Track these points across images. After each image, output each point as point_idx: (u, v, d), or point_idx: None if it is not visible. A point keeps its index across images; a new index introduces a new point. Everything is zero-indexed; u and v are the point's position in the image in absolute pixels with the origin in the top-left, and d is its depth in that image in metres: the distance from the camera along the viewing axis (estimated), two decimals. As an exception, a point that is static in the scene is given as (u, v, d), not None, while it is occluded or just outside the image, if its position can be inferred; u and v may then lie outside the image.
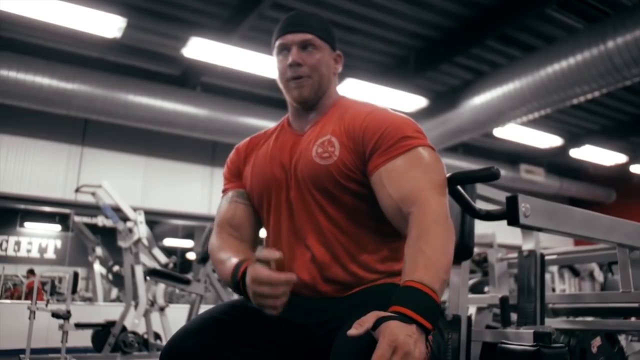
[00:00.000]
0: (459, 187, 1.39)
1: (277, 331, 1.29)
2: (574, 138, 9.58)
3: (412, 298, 1.01)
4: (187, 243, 13.21)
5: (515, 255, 2.20)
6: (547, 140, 8.69)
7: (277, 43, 1.42)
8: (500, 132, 8.00)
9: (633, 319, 2.05)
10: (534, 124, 8.05)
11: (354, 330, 0.96)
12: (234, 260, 1.29)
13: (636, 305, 1.79)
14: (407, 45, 6.93)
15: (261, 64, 6.09)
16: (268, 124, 6.48)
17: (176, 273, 4.31)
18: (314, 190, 1.33)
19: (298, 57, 1.38)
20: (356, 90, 6.70)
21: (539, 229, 1.41)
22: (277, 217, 1.40)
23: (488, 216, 1.42)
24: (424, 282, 1.03)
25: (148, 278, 4.56)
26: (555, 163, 10.97)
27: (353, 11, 6.07)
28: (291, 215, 1.37)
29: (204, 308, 4.24)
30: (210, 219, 9.12)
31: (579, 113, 8.88)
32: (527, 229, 1.38)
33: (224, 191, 1.54)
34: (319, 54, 1.40)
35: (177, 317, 5.38)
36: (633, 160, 10.13)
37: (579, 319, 2.12)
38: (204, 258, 4.28)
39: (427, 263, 1.06)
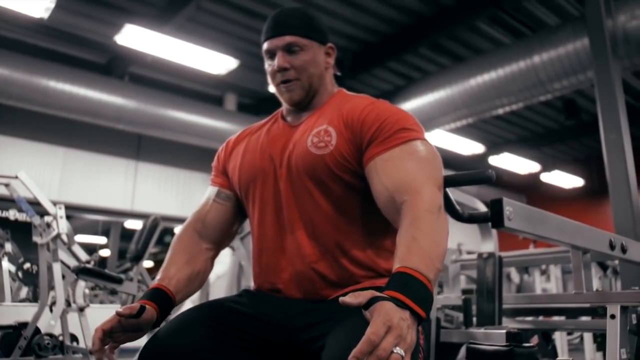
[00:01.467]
0: (447, 189, 1.42)
1: (262, 333, 1.26)
2: (494, 146, 10.07)
3: (407, 285, 0.98)
4: (101, 240, 12.68)
5: (469, 257, 2.28)
6: (470, 147, 9.06)
7: (264, 48, 1.40)
8: (427, 137, 8.24)
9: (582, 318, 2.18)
10: (459, 131, 8.38)
11: (348, 299, 0.94)
12: (156, 279, 1.34)
13: (587, 305, 1.90)
14: (343, 48, 7.01)
15: (196, 56, 5.95)
16: (199, 119, 6.38)
17: (107, 272, 4.10)
18: (307, 181, 1.30)
19: (283, 62, 1.36)
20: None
21: (521, 232, 1.46)
22: (262, 210, 1.37)
23: (471, 219, 1.45)
24: (419, 270, 1.00)
25: (75, 276, 4.30)
26: (475, 169, 11.38)
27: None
28: (279, 207, 1.34)
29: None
30: (132, 215, 8.79)
31: (500, 123, 9.35)
32: (510, 232, 1.42)
33: (212, 182, 1.53)
34: (305, 54, 1.37)
35: (99, 319, 5.12)
36: (544, 169, 10.79)
37: (528, 318, 2.22)
38: (137, 256, 4.10)
39: (421, 251, 1.04)
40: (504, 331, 1.55)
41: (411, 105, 6.99)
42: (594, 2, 5.00)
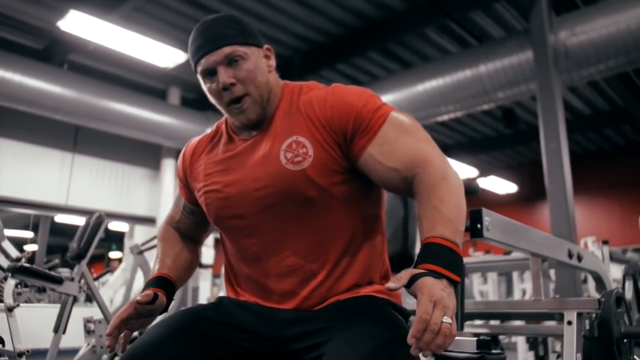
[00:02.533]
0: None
1: (246, 344, 1.22)
2: (434, 151, 10.33)
3: (439, 254, 1.04)
4: (28, 234, 12.09)
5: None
6: (411, 151, 9.25)
7: (200, 69, 1.26)
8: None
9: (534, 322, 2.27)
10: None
11: (392, 284, 0.99)
12: (155, 270, 1.37)
13: (545, 311, 1.98)
14: (293, 47, 7.00)
15: (142, 47, 5.78)
16: (140, 112, 6.20)
17: (46, 272, 3.89)
18: (288, 200, 1.22)
19: (227, 77, 1.22)
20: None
21: (498, 243, 1.50)
22: (240, 239, 1.30)
23: (449, 228, 1.48)
24: (445, 236, 1.06)
25: (10, 275, 4.05)
26: (414, 173, 11.73)
27: (245, 6, 5.99)
28: (258, 232, 1.26)
29: (78, 311, 3.93)
30: (67, 210, 8.43)
31: (440, 128, 9.61)
32: (488, 242, 1.46)
33: (179, 189, 1.50)
34: (247, 62, 1.24)
35: (30, 319, 4.87)
36: (480, 175, 11.17)
37: (477, 322, 2.30)
38: (80, 254, 3.91)
39: (444, 219, 1.09)
40: (475, 339, 1.59)
41: (358, 107, 7.03)
42: (538, 18, 5.23)
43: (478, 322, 2.43)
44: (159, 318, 1.32)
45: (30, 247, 10.87)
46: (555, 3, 5.55)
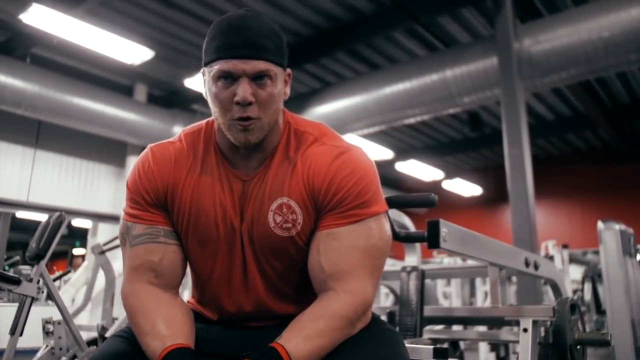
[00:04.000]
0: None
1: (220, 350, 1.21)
2: (401, 152, 10.42)
3: None
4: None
5: (391, 269, 2.34)
6: (379, 153, 9.31)
7: (220, 67, 1.09)
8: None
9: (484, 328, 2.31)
10: (370, 136, 8.60)
11: None
12: (157, 346, 1.06)
13: (503, 317, 2.01)
14: (261, 47, 6.95)
15: (107, 43, 5.67)
16: (105, 108, 6.09)
17: (2, 272, 3.79)
18: (271, 259, 1.18)
19: (249, 95, 1.07)
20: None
21: (455, 253, 1.52)
22: (208, 274, 1.23)
23: (407, 238, 1.50)
24: (293, 357, 1.00)
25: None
26: (383, 174, 11.70)
27: (211, 3, 5.93)
28: (232, 276, 1.21)
29: (38, 310, 3.84)
30: (28, 206, 8.21)
31: (408, 131, 9.70)
32: (445, 252, 1.48)
33: (135, 218, 1.19)
34: (273, 86, 1.10)
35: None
36: (446, 177, 11.32)
37: (437, 327, 2.32)
38: (39, 255, 3.81)
39: (314, 347, 1.03)
40: (432, 347, 1.61)
41: (326, 109, 7.07)
42: (503, 25, 5.32)
43: (439, 327, 2.46)
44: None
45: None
46: (520, 11, 5.65)
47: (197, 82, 6.51)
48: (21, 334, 3.54)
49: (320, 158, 1.15)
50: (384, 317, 2.15)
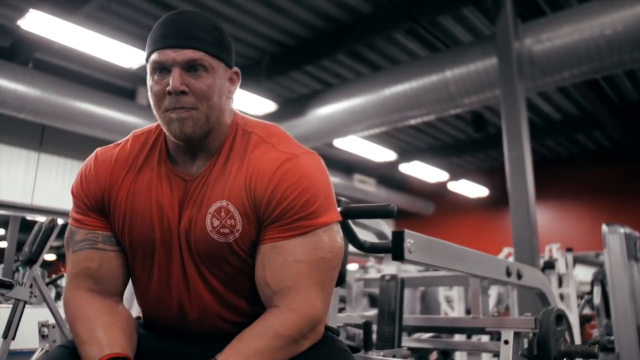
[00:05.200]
0: (349, 220, 1.39)
1: None
2: (405, 154, 10.34)
3: None
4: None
5: (372, 275, 2.28)
6: (381, 154, 9.24)
7: (152, 58, 1.08)
8: (340, 142, 8.34)
9: (472, 337, 2.24)
10: (373, 138, 8.53)
11: None
12: (95, 355, 1.03)
13: (484, 328, 1.95)
14: (261, 49, 6.92)
15: (105, 47, 5.65)
16: (108, 112, 6.06)
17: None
18: (209, 265, 1.13)
19: (181, 84, 1.06)
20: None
21: (422, 264, 1.46)
22: (160, 284, 1.18)
23: (373, 249, 1.44)
24: None
25: (-44, 279, 3.94)
26: (386, 175, 11.74)
27: (210, 6, 5.90)
28: (172, 282, 1.16)
29: (30, 314, 3.82)
30: (32, 210, 8.24)
31: (412, 132, 9.61)
32: (410, 264, 1.41)
33: (78, 222, 1.18)
34: (209, 78, 1.08)
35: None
36: (451, 178, 11.21)
37: (427, 336, 2.26)
38: (31, 259, 3.81)
39: None
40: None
41: (327, 110, 7.02)
42: (503, 24, 5.23)
43: (426, 335, 2.40)
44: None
45: (1, 244, 10.67)
46: (521, 10, 5.56)
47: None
48: (14, 338, 3.53)
49: (264, 164, 1.10)
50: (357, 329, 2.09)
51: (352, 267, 7.55)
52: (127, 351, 1.07)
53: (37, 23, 5.26)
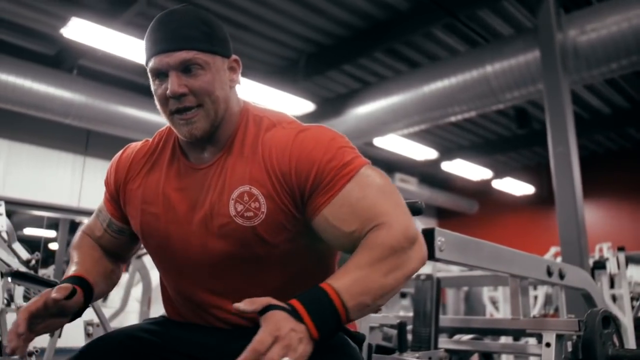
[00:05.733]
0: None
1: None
2: (447, 152, 10.16)
3: (317, 301, 0.92)
4: (51, 233, 12.23)
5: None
6: (422, 153, 9.11)
7: (149, 66, 1.11)
8: (380, 141, 8.26)
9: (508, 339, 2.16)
10: (413, 136, 8.42)
11: (242, 306, 0.89)
12: (70, 271, 1.18)
13: (524, 330, 1.87)
14: (298, 49, 6.92)
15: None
16: (149, 116, 6.17)
17: (42, 277, 3.89)
18: (231, 252, 1.11)
19: (179, 86, 1.07)
20: (244, 90, 6.55)
21: (454, 263, 1.40)
22: (176, 278, 1.21)
23: (403, 248, 1.39)
24: (340, 294, 0.93)
25: (9, 279, 4.07)
26: (428, 174, 11.57)
27: (247, 9, 5.93)
28: (197, 279, 1.16)
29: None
30: (80, 212, 8.48)
31: (453, 129, 9.43)
32: (441, 262, 1.36)
33: (104, 201, 1.32)
34: (207, 73, 1.09)
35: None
36: (496, 176, 10.96)
37: (467, 338, 2.19)
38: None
39: (358, 278, 0.96)
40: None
41: (366, 109, 6.96)
42: (545, 15, 5.06)
43: (466, 336, 2.32)
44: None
45: (53, 246, 11.03)
46: (564, 0, 5.37)
47: (236, 88, 6.52)
48: (60, 336, 3.64)
49: (280, 141, 1.11)
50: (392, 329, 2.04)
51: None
52: (90, 278, 1.17)
53: (79, 31, 5.40)
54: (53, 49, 7.00)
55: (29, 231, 11.69)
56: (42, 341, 3.46)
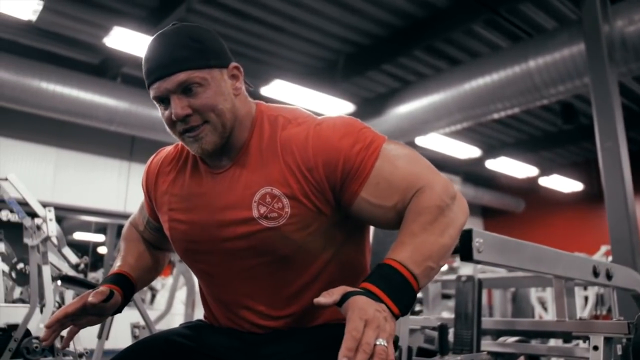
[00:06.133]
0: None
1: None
2: (491, 149, 9.96)
3: (386, 278, 0.95)
4: (99, 237, 12.61)
5: (449, 277, 2.19)
6: (466, 151, 8.96)
7: (151, 95, 1.13)
8: (422, 140, 8.18)
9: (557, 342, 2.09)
10: (455, 134, 8.29)
11: (322, 299, 0.90)
12: (115, 266, 1.29)
13: (570, 332, 1.81)
14: (336, 50, 6.91)
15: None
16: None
17: (89, 280, 4.02)
18: (258, 256, 1.13)
19: (182, 109, 1.08)
20: (283, 92, 6.60)
21: (492, 264, 1.37)
22: (208, 281, 1.24)
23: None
24: (405, 264, 0.96)
25: (59, 283, 4.23)
26: (472, 172, 11.37)
27: (283, 11, 5.96)
28: (226, 281, 1.18)
29: (122, 315, 4.00)
30: (126, 217, 8.71)
31: (497, 126, 9.24)
32: (479, 264, 1.33)
33: (144, 200, 1.38)
34: (207, 90, 1.09)
35: (86, 322, 5.08)
36: (542, 173, 10.67)
37: (511, 340, 2.13)
38: (119, 264, 4.01)
39: (415, 246, 0.99)
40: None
41: (406, 108, 6.90)
42: (590, 7, 4.89)
43: (512, 339, 2.27)
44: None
45: (102, 250, 11.37)
46: (610, -10, 5.19)
47: (273, 91, 6.57)
48: (107, 338, 3.74)
49: (297, 137, 1.12)
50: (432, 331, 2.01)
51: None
52: (133, 273, 1.27)
53: (121, 40, 5.55)
54: (97, 58, 7.21)
55: (78, 235, 12.09)
56: (91, 343, 3.57)
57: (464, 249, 1.30)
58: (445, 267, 7.87)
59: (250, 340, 1.17)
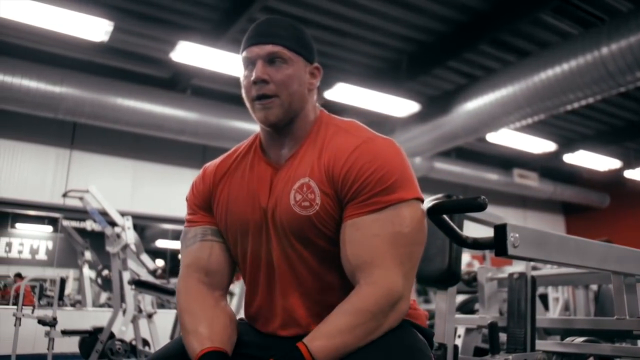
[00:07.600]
0: (445, 216, 1.31)
1: None
2: (568, 143, 9.52)
3: None
4: (178, 245, 13.09)
5: (503, 275, 2.12)
6: (540, 146, 8.62)
7: (242, 56, 1.24)
8: (493, 137, 7.94)
9: (624, 343, 1.98)
10: (528, 129, 8.00)
11: None
12: (196, 347, 1.13)
13: (631, 331, 1.71)
14: (399, 49, 6.86)
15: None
16: (258, 127, 6.41)
17: (159, 284, 4.22)
18: (293, 240, 1.19)
19: (263, 73, 1.19)
20: (347, 95, 6.61)
21: (529, 259, 1.33)
22: (253, 265, 1.26)
23: (475, 245, 1.34)
24: (315, 356, 1.03)
25: (132, 287, 4.46)
26: (549, 167, 10.92)
27: (344, 14, 5.99)
28: (270, 265, 1.23)
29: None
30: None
31: (573, 118, 8.83)
32: (515, 259, 1.29)
33: (190, 222, 1.32)
34: (289, 68, 1.21)
35: (165, 324, 5.30)
36: (627, 165, 10.07)
37: (571, 340, 2.04)
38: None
39: (336, 344, 1.04)
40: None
41: (474, 104, 6.74)
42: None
43: (579, 339, 2.17)
44: None
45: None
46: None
47: (337, 94, 6.60)
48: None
49: (343, 146, 1.18)
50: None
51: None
52: (226, 346, 1.15)
53: (187, 53, 5.77)
54: (168, 72, 7.53)
55: (160, 243, 12.61)
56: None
57: (499, 244, 1.27)
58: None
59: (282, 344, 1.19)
